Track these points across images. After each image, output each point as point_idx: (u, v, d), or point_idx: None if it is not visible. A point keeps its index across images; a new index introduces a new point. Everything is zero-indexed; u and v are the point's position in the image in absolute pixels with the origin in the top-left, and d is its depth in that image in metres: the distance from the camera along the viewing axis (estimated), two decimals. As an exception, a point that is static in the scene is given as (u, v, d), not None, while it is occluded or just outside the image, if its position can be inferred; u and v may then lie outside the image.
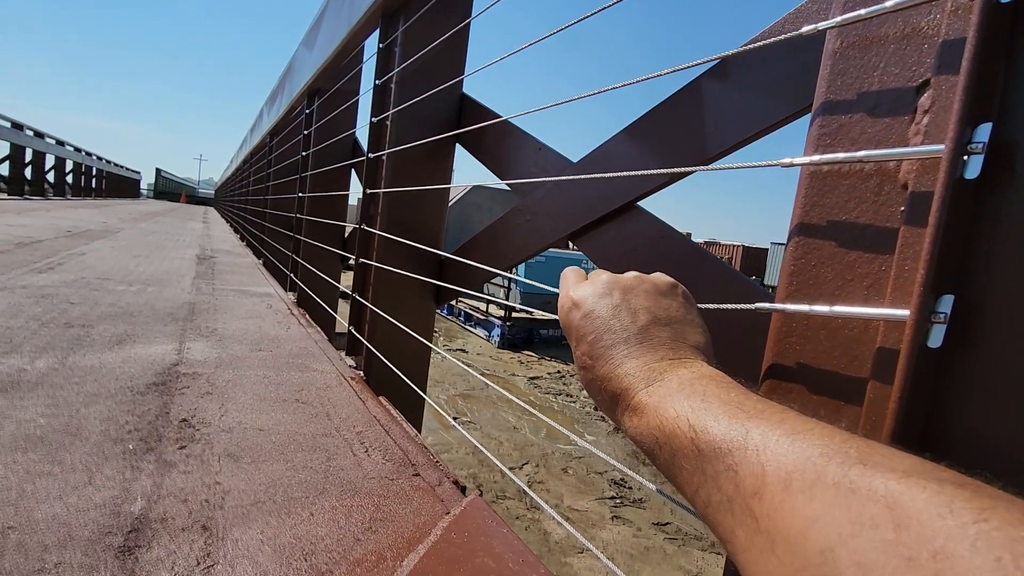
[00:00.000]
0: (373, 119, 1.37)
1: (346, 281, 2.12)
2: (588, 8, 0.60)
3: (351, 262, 1.52)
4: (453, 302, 11.48)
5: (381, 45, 1.36)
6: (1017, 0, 0.28)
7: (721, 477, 0.25)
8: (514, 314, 9.82)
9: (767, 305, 0.39)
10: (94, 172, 17.36)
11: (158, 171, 39.52)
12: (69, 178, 14.26)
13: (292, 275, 2.54)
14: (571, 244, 0.92)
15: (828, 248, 0.36)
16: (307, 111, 2.49)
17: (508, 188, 1.12)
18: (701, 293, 0.64)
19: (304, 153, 2.47)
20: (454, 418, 5.70)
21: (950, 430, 0.30)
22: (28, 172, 10.67)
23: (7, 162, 10.26)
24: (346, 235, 2.44)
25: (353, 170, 2.32)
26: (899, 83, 0.33)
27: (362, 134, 2.28)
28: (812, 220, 0.37)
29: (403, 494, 0.74)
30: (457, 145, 1.35)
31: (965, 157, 0.28)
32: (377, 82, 1.36)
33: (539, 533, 3.69)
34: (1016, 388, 0.28)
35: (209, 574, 0.53)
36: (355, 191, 1.96)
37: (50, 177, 12.22)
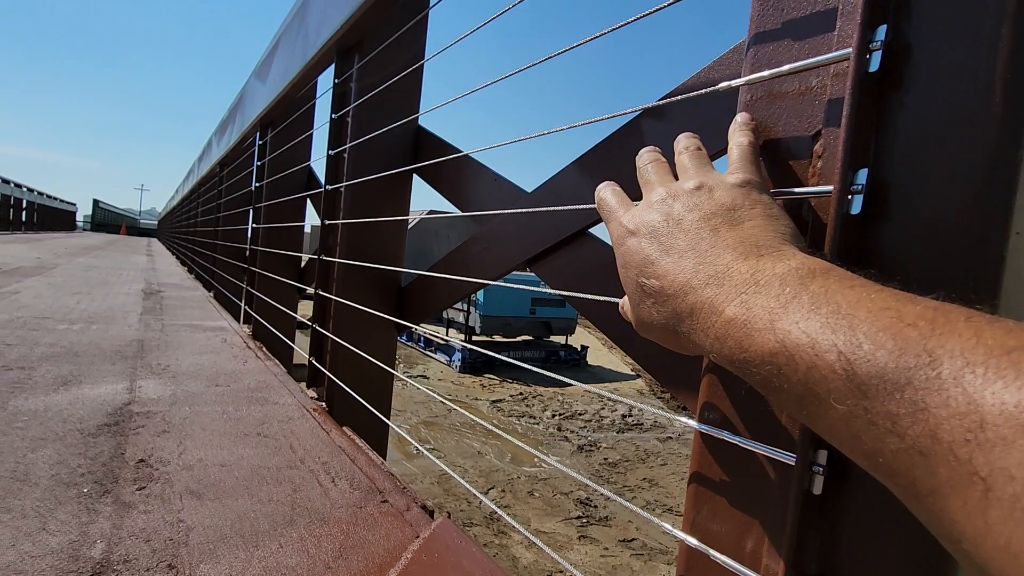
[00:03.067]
0: (330, 152, 1.39)
1: (303, 311, 2.10)
2: (533, 58, 0.65)
3: (309, 291, 1.52)
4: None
5: (337, 80, 1.39)
6: (882, 70, 0.35)
7: (901, 420, 0.19)
8: (475, 337, 9.79)
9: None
10: (24, 205, 16.43)
11: (95, 202, 37.71)
12: (-4, 212, 13.47)
13: (247, 307, 2.48)
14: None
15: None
16: (260, 142, 2.47)
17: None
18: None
19: (257, 184, 2.45)
20: (417, 448, 5.60)
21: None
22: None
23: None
24: (303, 265, 2.42)
25: (309, 200, 2.31)
26: (798, 132, 0.40)
27: (318, 166, 2.29)
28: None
29: (372, 520, 0.75)
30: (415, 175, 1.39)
31: (850, 196, 0.34)
32: (334, 116, 1.38)
33: (508, 559, 3.65)
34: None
35: (179, 612, 0.53)
36: (309, 221, 1.96)
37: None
